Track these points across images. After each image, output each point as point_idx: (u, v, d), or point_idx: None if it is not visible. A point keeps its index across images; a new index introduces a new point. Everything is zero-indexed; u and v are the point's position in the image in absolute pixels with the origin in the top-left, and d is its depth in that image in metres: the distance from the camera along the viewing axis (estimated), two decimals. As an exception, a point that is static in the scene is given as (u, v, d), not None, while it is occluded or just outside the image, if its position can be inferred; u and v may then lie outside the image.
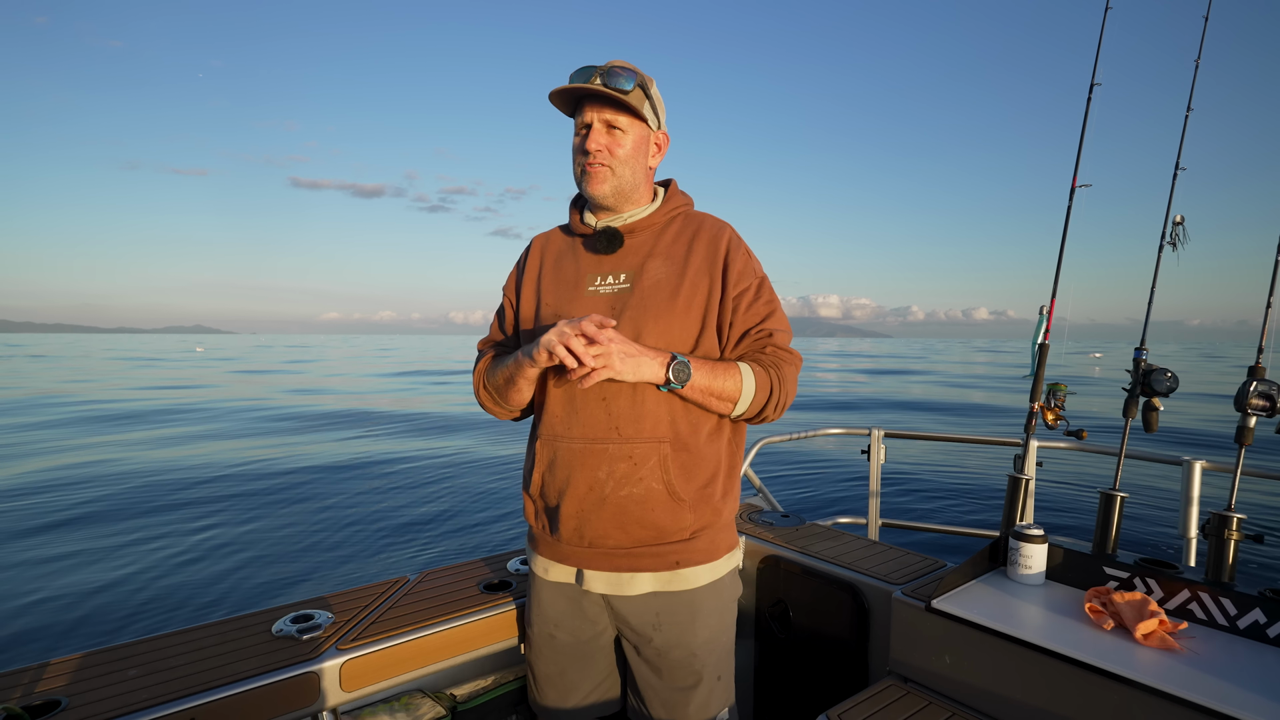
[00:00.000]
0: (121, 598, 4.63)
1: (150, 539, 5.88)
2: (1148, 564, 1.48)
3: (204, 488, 7.63)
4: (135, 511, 6.78)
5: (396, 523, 6.40)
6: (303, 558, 5.43)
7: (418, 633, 1.50)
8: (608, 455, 1.28)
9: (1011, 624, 1.32)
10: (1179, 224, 1.56)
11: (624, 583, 1.33)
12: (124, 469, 8.82)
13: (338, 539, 5.92)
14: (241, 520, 6.42)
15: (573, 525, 1.32)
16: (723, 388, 1.27)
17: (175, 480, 8.10)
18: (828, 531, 2.12)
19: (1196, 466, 2.20)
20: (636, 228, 1.38)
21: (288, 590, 4.80)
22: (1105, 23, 1.78)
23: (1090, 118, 1.78)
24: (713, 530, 1.37)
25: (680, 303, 1.30)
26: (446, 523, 6.45)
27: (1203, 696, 1.09)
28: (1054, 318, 1.83)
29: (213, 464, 9.13)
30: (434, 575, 1.79)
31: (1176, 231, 1.57)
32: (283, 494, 7.38)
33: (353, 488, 7.67)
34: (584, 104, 1.32)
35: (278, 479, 8.05)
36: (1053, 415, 1.77)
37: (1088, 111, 1.77)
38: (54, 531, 6.11)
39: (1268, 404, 1.39)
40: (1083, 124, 1.77)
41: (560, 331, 1.18)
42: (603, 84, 1.28)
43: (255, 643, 1.41)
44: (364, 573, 5.09)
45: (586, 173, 1.32)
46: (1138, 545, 5.25)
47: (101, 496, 7.29)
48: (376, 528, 6.25)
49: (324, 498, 7.23)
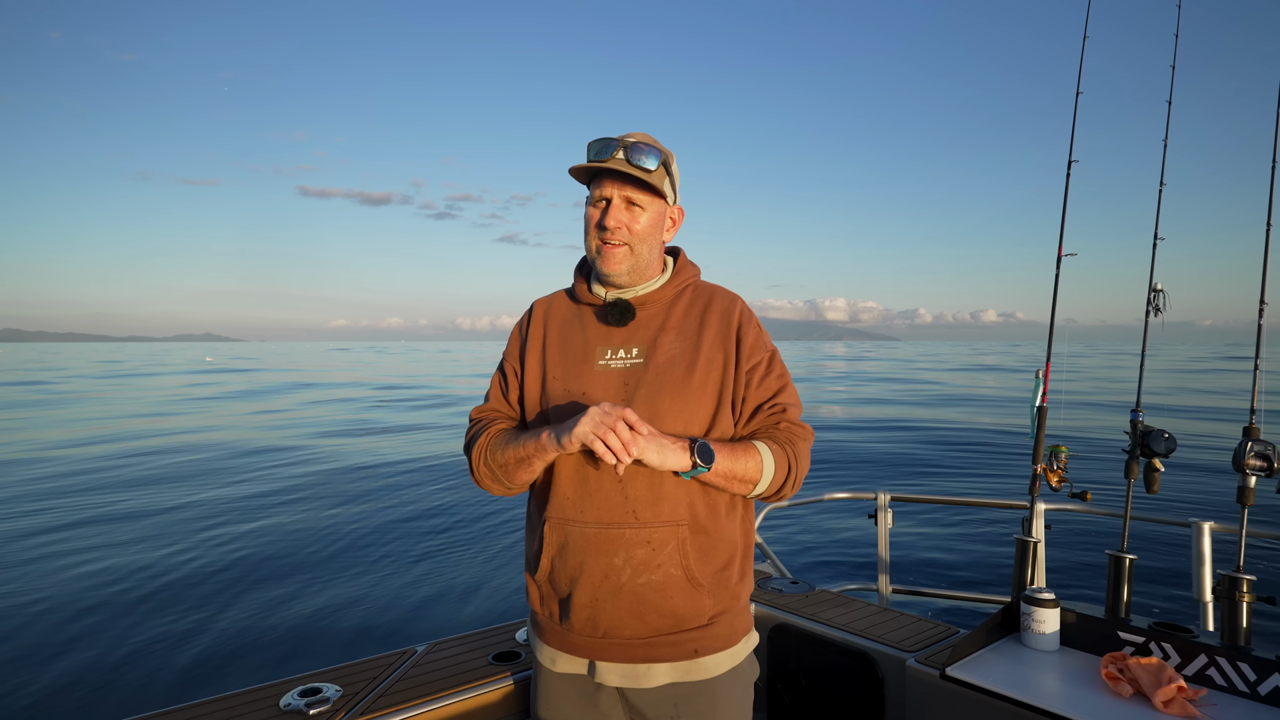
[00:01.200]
0: (109, 670, 4.49)
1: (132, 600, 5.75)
2: (1162, 628, 1.47)
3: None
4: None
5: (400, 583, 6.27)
6: (307, 623, 5.30)
7: (426, 706, 1.47)
8: (625, 541, 1.22)
9: (1028, 692, 1.31)
10: (1158, 291, 1.63)
11: (640, 675, 1.26)
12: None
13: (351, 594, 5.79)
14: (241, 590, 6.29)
15: (585, 615, 1.25)
16: (745, 470, 1.23)
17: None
18: (838, 598, 2.10)
19: (1205, 528, 2.20)
20: (647, 300, 1.35)
21: (292, 660, 4.67)
22: (1078, 106, 1.91)
23: (1070, 191, 1.89)
24: (731, 615, 1.31)
25: (696, 380, 1.27)
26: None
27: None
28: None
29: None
30: (441, 646, 1.77)
31: (1158, 298, 1.64)
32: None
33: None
34: (603, 178, 1.29)
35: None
36: (1056, 477, 1.79)
37: (1067, 187, 1.88)
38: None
39: (1265, 464, 1.42)
40: (1064, 198, 1.87)
41: (596, 422, 1.13)
42: (627, 160, 1.26)
43: (262, 718, 1.39)
44: (370, 637, 4.97)
45: (603, 251, 1.30)
46: (1153, 606, 5.12)
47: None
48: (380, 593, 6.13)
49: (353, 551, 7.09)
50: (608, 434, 1.11)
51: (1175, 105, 1.80)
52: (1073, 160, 1.90)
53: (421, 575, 6.67)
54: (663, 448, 1.16)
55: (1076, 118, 1.89)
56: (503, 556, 7.52)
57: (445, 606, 5.84)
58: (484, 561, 7.27)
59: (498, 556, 7.46)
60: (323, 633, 5.20)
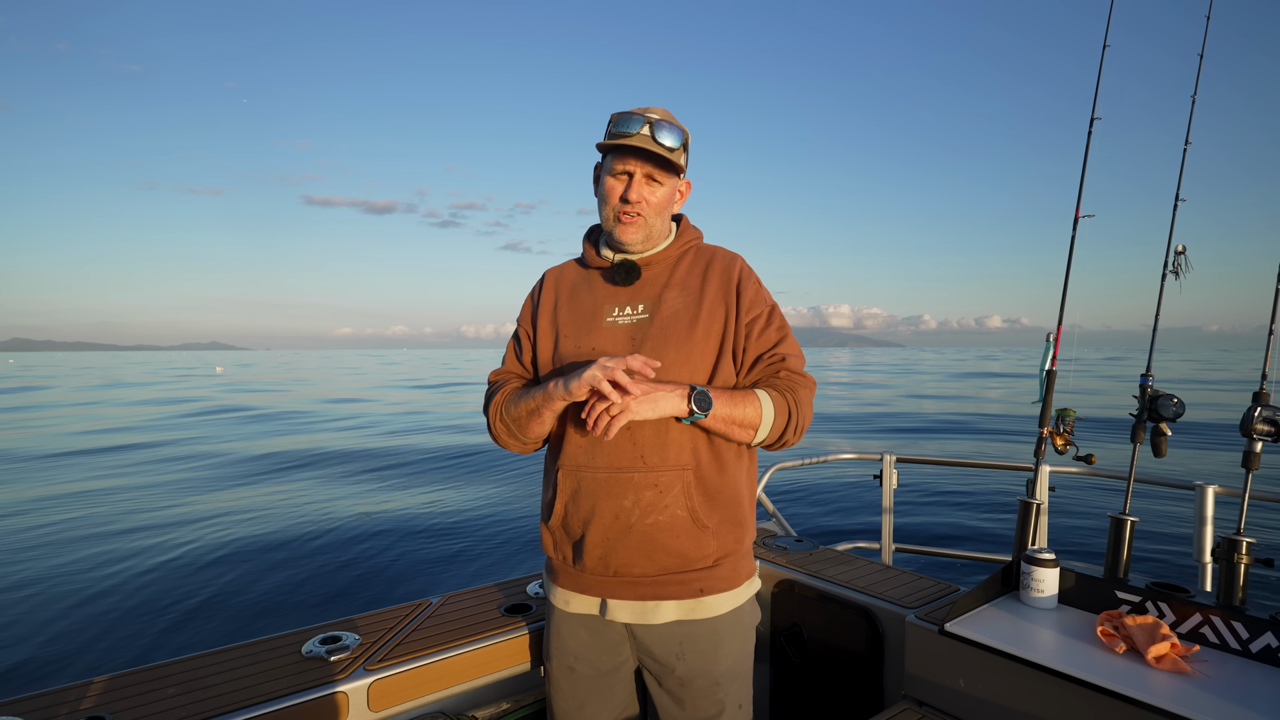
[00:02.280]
0: (149, 617, 4.73)
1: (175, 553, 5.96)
2: (1160, 588, 1.49)
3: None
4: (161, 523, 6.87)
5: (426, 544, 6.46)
6: (331, 579, 5.51)
7: (441, 654, 1.54)
8: (633, 484, 1.29)
9: (1024, 647, 1.34)
10: (1181, 253, 1.60)
11: (648, 611, 1.34)
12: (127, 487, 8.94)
13: (362, 560, 5.99)
14: (271, 542, 6.50)
15: (598, 555, 1.33)
16: (744, 415, 1.29)
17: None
18: (841, 556, 2.14)
19: (1209, 491, 2.21)
20: (652, 261, 1.42)
21: (316, 612, 4.88)
22: (1104, 60, 1.85)
23: (1091, 150, 1.84)
24: (734, 558, 1.38)
25: (699, 332, 1.34)
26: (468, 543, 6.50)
27: (1214, 719, 1.10)
28: (1065, 330, 1.86)
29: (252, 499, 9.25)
30: (456, 598, 1.83)
31: (1179, 261, 1.61)
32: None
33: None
34: (628, 153, 1.33)
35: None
36: (1062, 440, 1.80)
37: (1089, 145, 1.83)
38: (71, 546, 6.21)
39: (1273, 429, 1.42)
40: (1084, 157, 1.83)
41: (604, 366, 1.20)
42: (651, 135, 1.31)
43: (286, 663, 1.46)
44: (389, 595, 5.16)
45: (621, 220, 1.36)
46: (1152, 569, 5.19)
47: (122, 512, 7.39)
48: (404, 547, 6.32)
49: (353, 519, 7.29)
50: (615, 374, 1.19)
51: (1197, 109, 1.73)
52: (1096, 117, 1.85)
53: (438, 534, 6.86)
54: (655, 401, 1.22)
55: (1101, 73, 1.83)
56: (516, 510, 7.69)
57: (460, 562, 6.03)
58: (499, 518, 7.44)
59: (512, 511, 7.63)
60: (346, 587, 5.40)
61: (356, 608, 4.87)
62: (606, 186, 1.38)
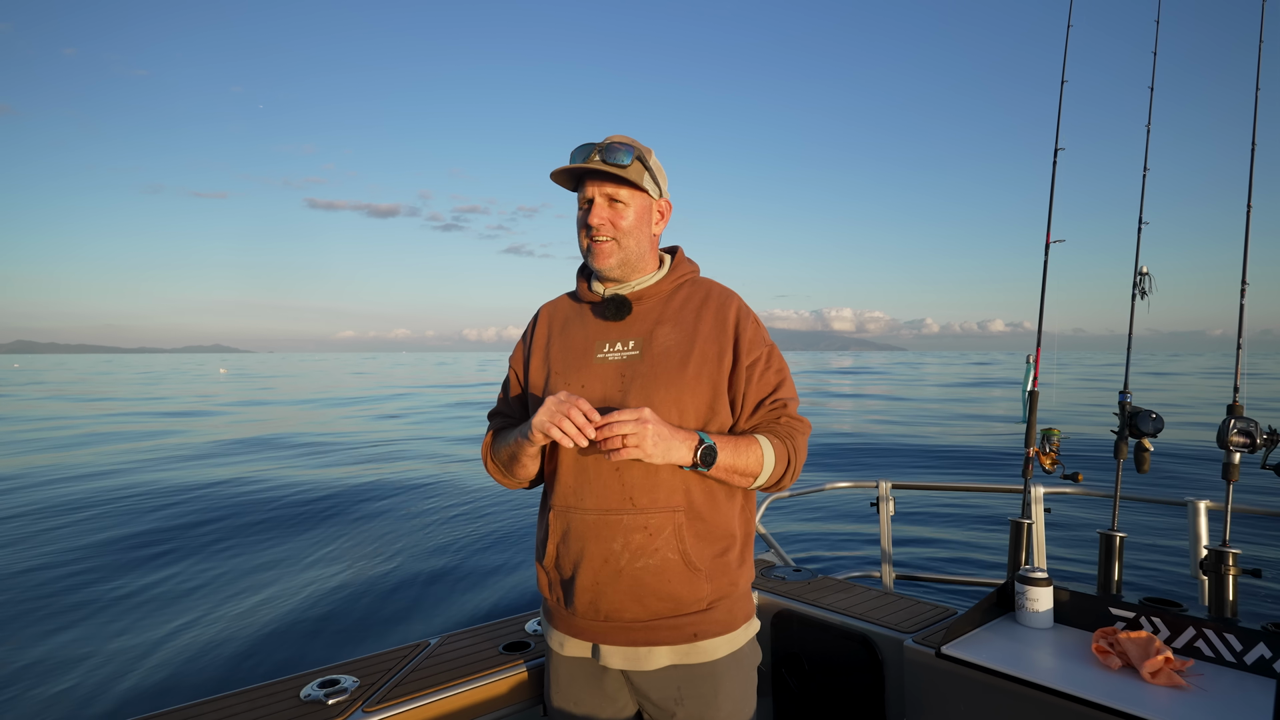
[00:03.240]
0: (144, 668, 4.62)
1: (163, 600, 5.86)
2: (1152, 603, 1.51)
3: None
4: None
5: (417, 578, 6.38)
6: (328, 620, 5.43)
7: (440, 694, 1.53)
8: (622, 526, 1.27)
9: (1020, 667, 1.35)
10: (1144, 275, 1.66)
11: (641, 657, 1.31)
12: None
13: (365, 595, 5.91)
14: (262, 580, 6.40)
15: (588, 599, 1.30)
16: (745, 465, 1.26)
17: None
18: (839, 584, 2.14)
19: (1201, 507, 2.23)
20: (644, 295, 1.39)
21: (312, 654, 4.80)
22: (1063, 95, 1.95)
23: (1057, 179, 1.92)
24: (730, 600, 1.34)
25: (690, 370, 1.31)
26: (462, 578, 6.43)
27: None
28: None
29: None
30: (454, 638, 1.83)
31: (1144, 281, 1.67)
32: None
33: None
34: (586, 180, 1.35)
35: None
36: (1049, 460, 1.83)
37: (1054, 174, 1.91)
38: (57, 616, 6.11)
39: (1248, 440, 1.46)
40: (1051, 187, 1.91)
41: (551, 412, 1.18)
42: (601, 160, 1.30)
43: (284, 709, 1.45)
44: (387, 636, 5.09)
45: (592, 248, 1.35)
46: (1147, 586, 5.14)
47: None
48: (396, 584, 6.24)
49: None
50: (562, 421, 1.17)
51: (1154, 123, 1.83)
52: (1060, 148, 1.93)
53: (435, 571, 6.77)
54: (668, 449, 1.19)
55: (1062, 106, 1.93)
56: (511, 550, 7.59)
57: (457, 601, 5.95)
58: (495, 553, 7.35)
59: (507, 550, 7.54)
60: (339, 629, 5.31)
61: (354, 650, 4.79)
62: (577, 219, 1.39)
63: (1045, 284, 1.90)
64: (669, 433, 1.20)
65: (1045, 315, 1.88)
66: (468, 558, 7.26)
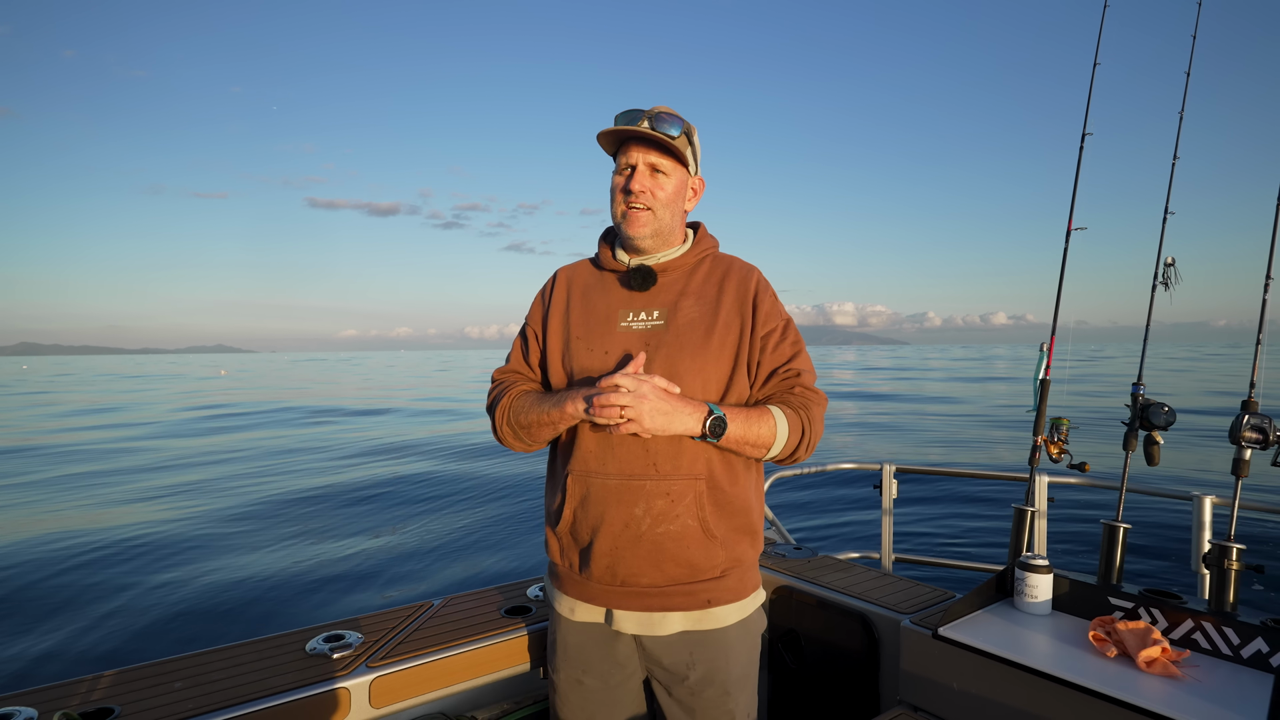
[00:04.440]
0: (159, 617, 4.81)
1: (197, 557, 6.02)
2: (1152, 594, 1.51)
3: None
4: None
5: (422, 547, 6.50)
6: (335, 580, 5.57)
7: (442, 653, 1.56)
8: (645, 492, 1.28)
9: (1016, 651, 1.36)
10: (1170, 265, 1.63)
11: (655, 623, 1.32)
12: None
13: (367, 561, 6.04)
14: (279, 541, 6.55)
15: (605, 563, 1.31)
16: (758, 435, 1.27)
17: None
18: (839, 564, 2.16)
19: (1206, 502, 2.22)
20: (669, 267, 1.40)
21: (319, 612, 4.94)
22: (1094, 77, 1.89)
23: (1083, 164, 1.88)
24: (741, 569, 1.37)
25: (714, 342, 1.32)
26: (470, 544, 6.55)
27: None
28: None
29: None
30: (457, 600, 1.86)
31: (1168, 272, 1.64)
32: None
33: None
34: (629, 145, 1.34)
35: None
36: (1056, 449, 1.82)
37: (1080, 159, 1.87)
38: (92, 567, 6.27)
39: (1260, 436, 1.44)
40: (1076, 172, 1.86)
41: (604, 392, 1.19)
42: (650, 127, 1.30)
43: (290, 660, 1.49)
44: (391, 597, 5.22)
45: (628, 214, 1.34)
46: (1148, 578, 5.15)
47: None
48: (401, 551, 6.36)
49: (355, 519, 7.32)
50: (612, 398, 1.17)
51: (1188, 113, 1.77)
52: (1087, 133, 1.89)
53: (440, 537, 6.89)
54: (669, 420, 1.20)
55: (1093, 90, 1.87)
56: (516, 519, 7.70)
57: (461, 565, 6.07)
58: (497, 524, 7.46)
59: (511, 519, 7.65)
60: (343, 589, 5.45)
61: (359, 609, 4.91)
62: (613, 184, 1.37)
63: (1064, 271, 1.88)
64: (670, 406, 1.20)
65: (1053, 306, 1.86)
66: (473, 528, 7.38)
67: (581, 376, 1.36)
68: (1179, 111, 1.77)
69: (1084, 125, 1.87)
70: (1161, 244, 1.70)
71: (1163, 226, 1.71)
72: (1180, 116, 1.75)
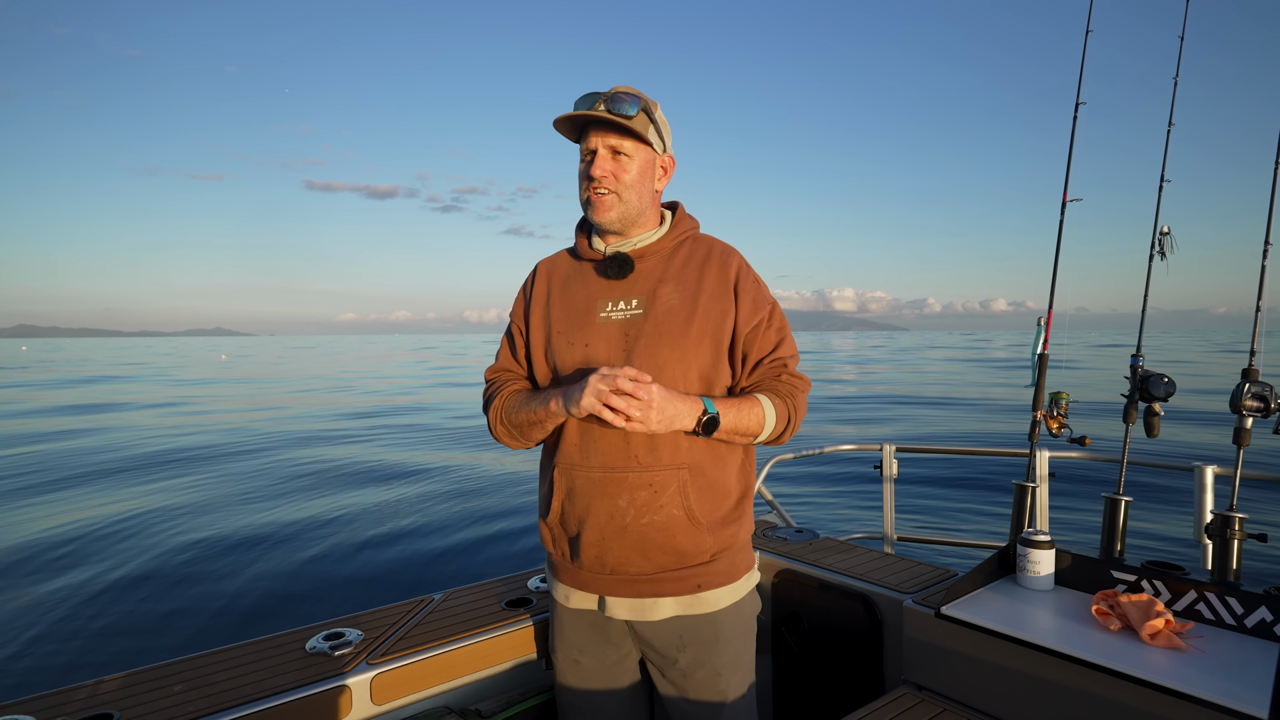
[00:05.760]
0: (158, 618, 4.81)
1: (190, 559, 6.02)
2: (1155, 566, 1.50)
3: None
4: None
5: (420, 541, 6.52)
6: (331, 577, 5.58)
7: (444, 648, 1.56)
8: (627, 484, 1.28)
9: (1019, 627, 1.35)
10: (1166, 234, 1.61)
11: (646, 608, 1.33)
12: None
13: (362, 557, 6.05)
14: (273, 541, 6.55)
15: (594, 553, 1.32)
16: (747, 425, 1.28)
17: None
18: (841, 545, 2.15)
19: (1208, 471, 2.21)
20: (646, 253, 1.37)
21: (319, 610, 4.95)
22: (1087, 45, 1.86)
23: (1077, 134, 1.85)
24: (731, 552, 1.37)
25: (695, 329, 1.31)
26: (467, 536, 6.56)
27: (1208, 693, 1.11)
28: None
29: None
30: (457, 594, 1.85)
31: (1164, 241, 1.62)
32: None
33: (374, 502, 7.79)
34: (589, 130, 1.32)
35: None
36: (1056, 424, 1.81)
37: (1074, 129, 1.84)
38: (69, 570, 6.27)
39: (1262, 405, 1.43)
40: (1070, 141, 1.84)
41: (596, 389, 1.18)
42: (606, 110, 1.27)
43: (290, 659, 1.48)
44: (391, 593, 5.22)
45: (592, 200, 1.32)
46: (1151, 551, 5.18)
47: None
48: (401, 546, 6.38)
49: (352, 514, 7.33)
50: (609, 398, 1.17)
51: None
52: (1081, 102, 1.86)
53: (439, 530, 6.90)
54: (671, 420, 1.21)
55: (1085, 57, 1.84)
56: (516, 508, 7.71)
57: (460, 558, 6.08)
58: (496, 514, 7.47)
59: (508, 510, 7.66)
60: (344, 584, 5.46)
61: (359, 606, 4.94)
62: (578, 172, 1.35)
63: (1060, 242, 1.85)
64: (673, 408, 1.21)
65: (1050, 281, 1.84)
66: (471, 520, 7.39)
67: (565, 371, 1.35)
68: (1173, 78, 1.74)
69: (1077, 94, 1.84)
70: (1158, 212, 1.67)
71: (1159, 194, 1.68)
72: (1175, 82, 1.72)
